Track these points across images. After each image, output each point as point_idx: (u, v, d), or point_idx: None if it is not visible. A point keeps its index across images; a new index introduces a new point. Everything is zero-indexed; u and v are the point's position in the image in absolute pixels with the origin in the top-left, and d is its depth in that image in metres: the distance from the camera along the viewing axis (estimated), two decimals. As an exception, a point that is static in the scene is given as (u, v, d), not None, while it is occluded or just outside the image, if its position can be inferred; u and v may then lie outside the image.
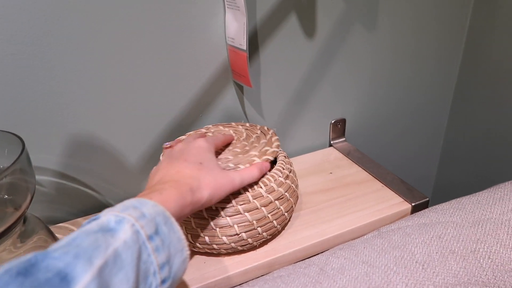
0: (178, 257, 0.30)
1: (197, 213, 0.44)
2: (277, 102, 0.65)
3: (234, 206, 0.44)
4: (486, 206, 0.44)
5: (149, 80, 0.55)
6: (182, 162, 0.39)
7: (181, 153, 0.41)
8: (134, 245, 0.26)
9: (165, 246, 0.29)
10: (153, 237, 0.28)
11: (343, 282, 0.36)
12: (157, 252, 0.28)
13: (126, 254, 0.25)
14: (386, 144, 0.81)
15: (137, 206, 0.29)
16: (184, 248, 0.31)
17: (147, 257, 0.27)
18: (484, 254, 0.38)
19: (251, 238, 0.45)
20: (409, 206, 0.55)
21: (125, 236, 0.26)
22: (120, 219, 0.27)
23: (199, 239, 0.45)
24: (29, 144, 0.51)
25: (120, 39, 0.51)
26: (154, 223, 0.29)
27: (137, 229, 0.27)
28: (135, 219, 0.28)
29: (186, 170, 0.38)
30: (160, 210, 0.30)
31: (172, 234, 0.30)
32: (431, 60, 0.75)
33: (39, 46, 0.47)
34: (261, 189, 0.45)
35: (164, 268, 0.28)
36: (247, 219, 0.44)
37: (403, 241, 0.40)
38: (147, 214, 0.29)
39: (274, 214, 0.46)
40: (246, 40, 0.51)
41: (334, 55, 0.65)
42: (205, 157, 0.41)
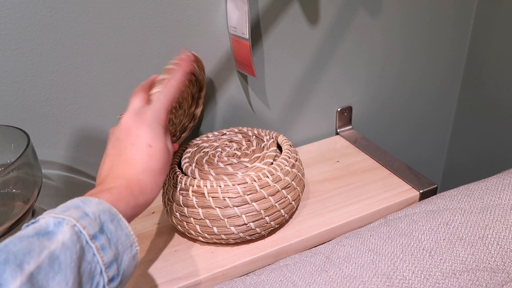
0: (127, 253, 0.30)
1: (204, 203, 0.44)
2: (282, 91, 0.65)
3: (241, 196, 0.44)
4: (495, 191, 0.43)
5: (150, 72, 0.54)
6: (129, 148, 0.35)
7: (127, 133, 0.36)
8: (73, 246, 0.26)
9: (112, 244, 0.28)
10: (98, 236, 0.28)
11: (349, 270, 0.36)
12: (103, 251, 0.28)
13: (64, 256, 0.25)
14: (393, 131, 0.80)
15: (79, 205, 0.28)
16: (133, 244, 0.31)
17: (91, 257, 0.27)
18: (492, 240, 0.38)
19: (259, 227, 0.46)
20: (417, 193, 0.55)
21: (63, 238, 0.26)
22: (60, 220, 0.26)
23: (207, 230, 0.45)
24: (36, 138, 0.51)
25: (122, 32, 0.50)
26: (98, 221, 0.28)
27: (78, 230, 0.27)
28: (76, 219, 0.27)
29: (136, 160, 0.35)
30: (105, 208, 0.29)
31: (119, 231, 0.29)
32: (441, 47, 0.74)
33: (41, 41, 0.47)
34: (268, 179, 0.45)
35: (111, 266, 0.28)
36: (255, 208, 0.44)
37: (410, 229, 0.40)
38: (90, 213, 0.28)
39: (282, 203, 0.46)
40: (248, 29, 0.50)
41: (339, 42, 0.64)
42: (154, 135, 0.36)
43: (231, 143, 0.53)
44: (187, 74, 0.42)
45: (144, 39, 0.52)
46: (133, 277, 0.45)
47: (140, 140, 0.36)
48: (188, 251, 0.48)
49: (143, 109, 0.38)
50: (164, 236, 0.51)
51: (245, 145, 0.53)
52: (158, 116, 0.38)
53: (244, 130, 0.56)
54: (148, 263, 0.47)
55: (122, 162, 0.35)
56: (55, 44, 0.48)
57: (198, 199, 0.45)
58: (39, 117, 0.51)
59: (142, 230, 0.53)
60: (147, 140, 0.36)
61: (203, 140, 0.55)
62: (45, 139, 0.52)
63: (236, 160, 0.49)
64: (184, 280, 0.44)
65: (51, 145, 0.53)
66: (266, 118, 0.66)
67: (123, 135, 0.37)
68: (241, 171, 0.47)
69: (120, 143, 0.36)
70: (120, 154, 0.36)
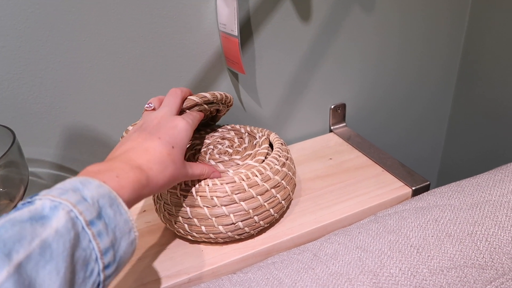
0: (124, 239, 0.29)
1: (192, 202, 0.44)
2: (274, 89, 0.64)
3: (229, 195, 0.44)
4: (486, 188, 0.43)
5: (141, 70, 0.54)
6: (155, 140, 0.37)
7: (157, 128, 0.38)
8: (67, 233, 0.25)
9: (110, 230, 0.28)
10: (95, 222, 0.27)
11: (335, 268, 0.36)
12: (100, 238, 0.27)
13: (57, 244, 0.24)
14: (388, 128, 0.80)
15: (78, 188, 0.28)
16: (131, 229, 0.30)
17: (87, 244, 0.26)
18: (481, 237, 0.37)
19: (248, 227, 0.45)
20: (409, 190, 0.54)
21: (57, 225, 0.25)
22: (56, 204, 0.26)
23: (195, 229, 0.45)
24: (25, 137, 0.51)
25: (110, 28, 0.50)
26: (96, 206, 0.27)
27: (74, 215, 0.26)
28: (73, 204, 0.26)
29: (156, 151, 0.36)
30: (105, 192, 0.29)
31: (118, 217, 0.29)
32: (436, 44, 0.73)
33: (29, 38, 0.47)
34: (257, 178, 0.45)
35: (108, 253, 0.28)
36: (243, 208, 0.44)
37: (398, 225, 0.40)
38: (89, 197, 0.27)
39: (271, 202, 0.46)
40: (237, 26, 0.50)
41: (333, 38, 0.64)
42: (180, 142, 0.39)
43: (223, 140, 0.53)
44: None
45: (133, 37, 0.52)
46: (122, 276, 0.45)
47: (167, 138, 0.37)
48: (178, 249, 0.48)
49: (179, 117, 0.40)
50: (155, 234, 0.51)
51: (237, 142, 0.52)
52: (189, 129, 0.41)
53: (237, 127, 0.56)
54: (137, 261, 0.47)
55: (141, 149, 0.36)
56: (44, 41, 0.48)
57: (186, 197, 0.44)
58: (28, 115, 0.51)
59: (132, 229, 0.52)
60: (173, 141, 0.38)
61: (195, 137, 0.55)
62: (35, 137, 0.52)
63: (227, 157, 0.49)
64: (173, 278, 0.44)
65: (40, 143, 0.53)
66: (258, 116, 0.66)
67: (153, 129, 0.38)
68: (232, 168, 0.46)
69: (147, 133, 0.38)
70: (143, 142, 0.36)
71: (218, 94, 0.48)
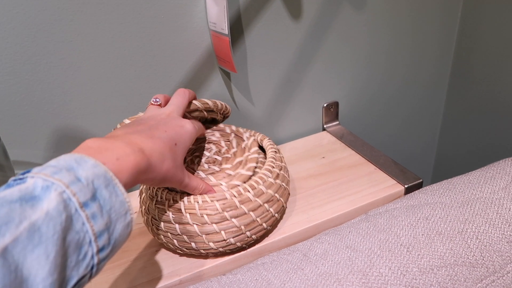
0: (120, 222, 0.28)
1: (181, 219, 0.42)
2: (266, 87, 0.64)
3: (220, 212, 0.42)
4: (477, 185, 0.43)
5: (130, 70, 0.54)
6: (162, 132, 0.36)
7: (165, 123, 0.38)
8: (58, 216, 0.24)
9: (105, 212, 0.27)
10: (89, 204, 0.26)
11: (325, 268, 0.36)
12: (94, 220, 0.26)
13: (47, 228, 0.23)
14: (381, 126, 0.80)
15: (72, 167, 0.26)
16: (127, 212, 0.28)
17: (80, 226, 0.25)
18: (471, 235, 0.37)
19: (240, 242, 0.44)
20: (402, 188, 0.54)
21: (48, 207, 0.24)
22: (48, 184, 0.24)
23: (185, 245, 0.44)
24: (13, 139, 0.51)
25: (98, 29, 0.50)
26: (91, 187, 0.26)
27: (67, 197, 0.25)
28: (66, 185, 0.25)
29: (160, 142, 0.35)
30: (101, 172, 0.27)
31: (114, 198, 0.27)
32: (428, 41, 0.73)
33: (15, 39, 0.46)
34: (249, 193, 0.43)
35: (102, 235, 0.26)
36: (234, 225, 0.42)
37: (388, 224, 0.39)
38: (83, 178, 0.26)
39: (264, 217, 0.44)
40: (227, 24, 0.50)
41: (324, 36, 0.64)
42: (183, 143, 0.39)
43: (210, 145, 0.51)
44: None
45: (121, 37, 0.51)
46: (113, 278, 0.45)
47: (173, 134, 0.37)
48: (169, 251, 0.47)
49: (187, 120, 0.41)
50: (145, 236, 0.50)
51: (225, 147, 0.50)
52: (194, 135, 0.42)
53: (221, 127, 0.54)
54: (128, 263, 0.46)
55: (146, 134, 0.35)
56: (29, 42, 0.47)
57: (174, 214, 0.43)
58: (16, 117, 0.50)
59: (123, 230, 0.52)
60: (177, 139, 0.38)
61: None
62: (23, 140, 0.52)
63: (217, 167, 0.47)
64: (164, 280, 0.44)
65: (29, 145, 0.52)
66: (250, 115, 0.65)
67: (161, 121, 0.38)
68: (224, 180, 0.45)
69: (154, 123, 0.37)
70: (149, 129, 0.36)
71: (219, 104, 0.48)
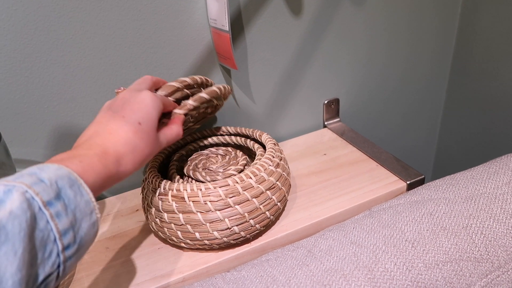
0: (85, 221, 0.29)
1: (185, 208, 0.43)
2: (267, 84, 0.64)
3: (223, 199, 0.42)
4: (480, 180, 0.43)
5: (130, 67, 0.53)
6: (119, 120, 0.35)
7: (121, 106, 0.37)
8: (23, 214, 0.24)
9: (69, 210, 0.27)
10: (53, 203, 0.26)
11: (330, 264, 0.35)
12: (58, 218, 0.26)
13: (12, 225, 0.24)
14: (382, 122, 0.80)
15: (34, 172, 0.27)
16: (93, 211, 0.29)
17: (45, 224, 0.26)
18: (476, 230, 0.37)
19: (244, 231, 0.44)
20: (404, 184, 0.54)
21: (11, 206, 0.24)
22: (10, 188, 0.25)
23: (189, 236, 0.44)
24: (13, 137, 0.50)
25: (98, 26, 0.49)
26: (54, 187, 0.27)
27: (30, 196, 0.25)
28: (28, 185, 0.26)
29: (121, 132, 0.35)
30: (64, 173, 0.28)
31: (79, 198, 0.28)
32: (428, 35, 0.73)
33: (14, 36, 0.46)
34: (251, 180, 0.44)
35: (67, 234, 0.27)
36: (238, 212, 0.43)
37: (393, 220, 0.39)
38: (46, 179, 0.27)
39: (266, 204, 0.45)
40: (228, 21, 0.49)
41: (325, 33, 0.64)
42: (147, 116, 0.37)
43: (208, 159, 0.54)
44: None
45: (121, 33, 0.51)
46: (116, 275, 0.44)
47: (131, 114, 0.36)
48: (171, 248, 0.47)
49: (146, 91, 0.39)
50: (147, 233, 0.50)
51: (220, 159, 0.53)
52: (157, 98, 0.39)
53: (226, 141, 0.57)
54: (131, 261, 0.46)
55: (105, 132, 0.34)
56: (29, 39, 0.47)
57: (178, 203, 0.43)
58: (16, 115, 0.50)
59: (125, 228, 0.52)
60: (139, 117, 0.36)
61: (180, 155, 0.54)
62: (23, 138, 0.51)
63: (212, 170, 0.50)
64: (167, 277, 0.43)
65: (29, 143, 0.52)
66: (251, 112, 0.65)
67: (117, 107, 0.37)
68: (220, 175, 0.46)
69: (110, 113, 0.36)
70: (107, 124, 0.35)
71: (198, 78, 0.46)
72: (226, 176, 0.47)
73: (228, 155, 0.53)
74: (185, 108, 0.43)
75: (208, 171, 0.50)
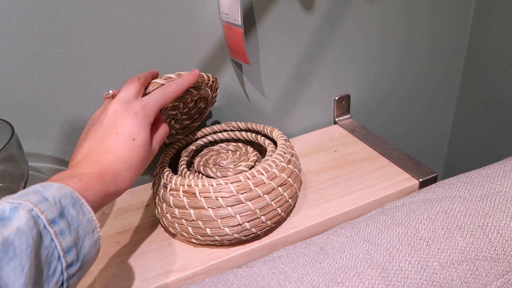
0: (88, 239, 0.29)
1: (196, 204, 0.43)
2: (278, 79, 0.63)
3: (235, 195, 0.42)
4: (496, 179, 0.42)
5: (141, 62, 0.53)
6: (113, 137, 0.35)
7: (114, 121, 0.36)
8: (30, 231, 0.25)
9: (72, 229, 0.28)
10: (57, 221, 0.27)
11: (343, 261, 0.35)
12: (62, 236, 0.27)
13: (20, 242, 0.25)
14: (393, 119, 0.79)
15: (39, 190, 0.28)
16: (95, 229, 0.30)
17: (49, 242, 0.27)
18: (492, 229, 0.36)
19: (255, 227, 0.44)
20: (416, 182, 0.53)
21: (19, 223, 0.25)
22: (16, 206, 0.26)
23: (200, 231, 0.44)
24: (25, 131, 0.51)
25: (109, 20, 0.49)
26: (58, 206, 0.28)
27: (36, 214, 0.26)
28: (34, 204, 0.26)
29: (116, 150, 0.35)
30: (67, 192, 0.29)
31: (81, 216, 0.29)
32: (442, 31, 0.72)
33: (27, 30, 0.46)
34: (263, 176, 0.43)
35: (70, 251, 0.28)
36: (249, 208, 0.42)
37: (407, 218, 0.39)
38: (50, 197, 0.27)
39: (278, 201, 0.44)
40: (240, 15, 0.49)
41: (338, 27, 0.63)
42: (139, 131, 0.36)
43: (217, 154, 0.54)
44: (190, 84, 0.43)
45: (132, 28, 0.51)
46: (126, 270, 0.44)
47: (125, 131, 0.36)
48: (181, 244, 0.47)
49: (134, 100, 0.38)
50: (158, 229, 0.50)
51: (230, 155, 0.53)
52: (148, 110, 0.38)
53: (237, 136, 0.56)
54: (141, 256, 0.46)
55: (100, 150, 0.35)
56: (41, 33, 0.47)
57: (189, 199, 0.43)
58: (27, 109, 0.50)
59: (135, 223, 0.52)
60: (132, 132, 0.36)
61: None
62: (35, 132, 0.51)
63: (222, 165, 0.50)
64: (178, 272, 0.43)
65: (40, 137, 0.52)
66: (262, 107, 0.64)
67: (109, 122, 0.36)
68: (230, 171, 0.46)
69: (103, 129, 0.36)
70: (101, 141, 0.35)
71: (184, 73, 0.45)
72: (237, 172, 0.47)
73: (238, 151, 0.53)
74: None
75: (219, 167, 0.49)
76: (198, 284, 0.38)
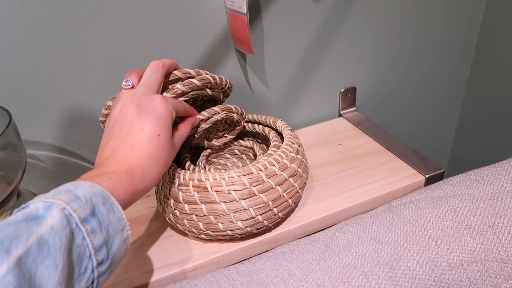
0: (117, 237, 0.30)
1: (208, 198, 0.41)
2: (282, 70, 0.61)
3: (248, 188, 0.41)
4: (507, 177, 0.41)
5: (144, 49, 0.52)
6: (139, 134, 0.34)
7: (138, 115, 0.35)
8: (63, 229, 0.26)
9: (103, 227, 0.28)
10: (88, 219, 0.27)
11: (349, 259, 0.34)
12: (93, 235, 0.28)
13: (54, 240, 0.25)
14: (399, 113, 0.77)
15: (70, 189, 0.28)
16: (124, 228, 0.30)
17: (81, 240, 0.27)
18: (503, 229, 0.35)
19: (267, 220, 0.43)
20: (422, 178, 0.52)
21: (52, 222, 0.25)
22: (49, 204, 0.26)
23: (211, 227, 0.42)
24: (23, 118, 0.49)
25: (112, 5, 0.47)
26: (90, 204, 0.28)
27: (68, 213, 0.26)
28: (66, 202, 0.27)
29: (143, 147, 0.34)
30: (97, 191, 0.29)
31: (111, 215, 0.29)
32: (455, 23, 0.70)
33: (25, 14, 0.44)
34: (274, 167, 0.42)
35: (101, 250, 0.28)
36: (262, 200, 0.41)
37: (414, 216, 0.38)
38: (82, 196, 0.28)
39: (289, 192, 0.44)
40: (245, 3, 0.47)
41: (345, 15, 0.61)
42: (164, 126, 0.36)
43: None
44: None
45: (135, 13, 0.49)
46: (126, 262, 0.44)
47: (150, 127, 0.35)
48: (182, 236, 0.46)
49: (158, 96, 0.37)
50: (158, 220, 0.49)
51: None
52: (171, 109, 0.37)
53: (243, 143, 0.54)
54: (141, 248, 0.45)
55: (127, 147, 0.34)
56: (41, 17, 0.45)
57: (200, 194, 0.41)
58: (26, 95, 0.48)
59: (136, 214, 0.51)
60: (157, 128, 0.35)
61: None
62: (33, 119, 0.50)
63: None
64: (178, 266, 0.43)
65: (39, 125, 0.51)
66: (265, 98, 0.63)
67: (133, 118, 0.35)
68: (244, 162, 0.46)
69: (128, 126, 0.35)
70: (126, 138, 0.34)
71: (204, 73, 0.43)
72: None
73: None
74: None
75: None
76: (199, 279, 0.37)
